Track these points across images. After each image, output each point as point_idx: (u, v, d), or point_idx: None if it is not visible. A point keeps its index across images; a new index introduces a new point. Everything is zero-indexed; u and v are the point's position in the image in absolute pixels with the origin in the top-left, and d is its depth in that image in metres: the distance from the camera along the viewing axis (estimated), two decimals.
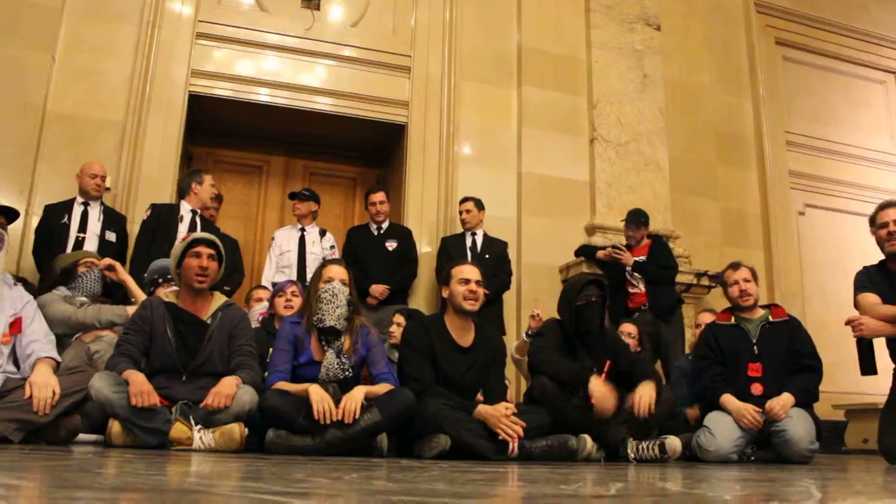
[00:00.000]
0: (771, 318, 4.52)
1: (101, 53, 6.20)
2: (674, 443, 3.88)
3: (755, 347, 4.40)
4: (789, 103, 8.83)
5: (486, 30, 7.31)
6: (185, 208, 5.45)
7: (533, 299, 5.24)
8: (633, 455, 3.85)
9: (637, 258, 6.12)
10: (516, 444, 3.59)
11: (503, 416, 3.59)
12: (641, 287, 6.08)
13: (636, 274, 6.09)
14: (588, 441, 3.76)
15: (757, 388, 4.31)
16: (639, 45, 7.56)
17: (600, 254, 6.26)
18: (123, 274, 4.51)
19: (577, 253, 6.56)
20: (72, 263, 4.44)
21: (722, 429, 4.15)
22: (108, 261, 4.50)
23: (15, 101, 5.83)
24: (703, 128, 7.95)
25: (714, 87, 8.25)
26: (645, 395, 3.93)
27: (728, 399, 4.28)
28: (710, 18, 8.48)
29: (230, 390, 3.42)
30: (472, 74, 7.13)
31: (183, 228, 5.32)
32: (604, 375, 4.08)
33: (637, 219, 6.23)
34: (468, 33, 7.21)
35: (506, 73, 7.25)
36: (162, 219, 5.35)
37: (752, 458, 4.27)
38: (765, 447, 4.28)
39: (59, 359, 3.62)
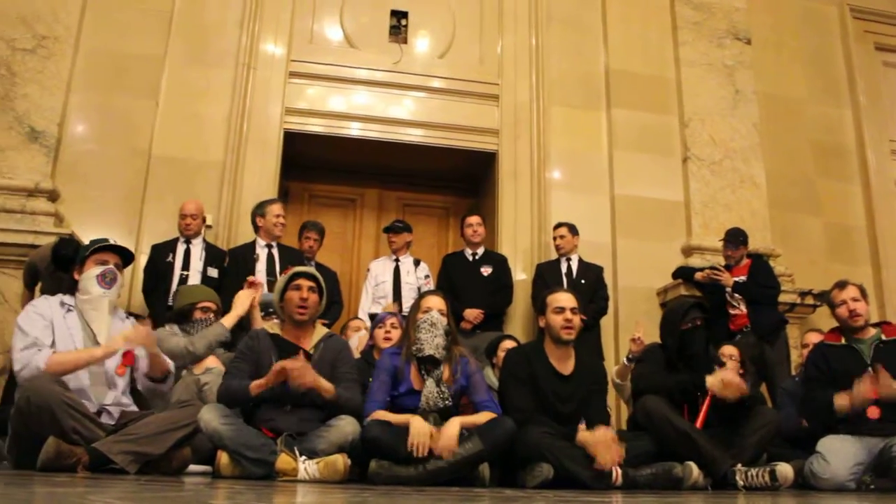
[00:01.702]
0: (884, 337, 4.31)
1: (201, 96, 6.47)
2: (785, 469, 3.72)
3: (870, 368, 4.19)
4: (893, 110, 8.44)
5: (572, 54, 7.29)
6: (260, 245, 5.62)
7: (634, 323, 5.15)
8: (741, 483, 3.72)
9: (737, 278, 5.97)
10: (620, 473, 3.52)
11: (603, 443, 3.53)
12: (743, 308, 5.92)
13: (736, 295, 5.93)
14: (694, 468, 3.66)
15: (873, 412, 4.09)
16: (729, 60, 7.41)
17: (698, 275, 6.13)
18: (255, 302, 4.71)
19: (675, 275, 6.43)
20: (189, 306, 4.59)
21: (837, 455, 3.96)
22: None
23: (123, 147, 6.14)
24: (801, 141, 7.70)
25: (810, 98, 7.99)
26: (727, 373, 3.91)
27: (840, 396, 4.10)
28: (803, 28, 8.23)
29: (315, 379, 3.52)
30: (561, 99, 7.11)
31: (260, 266, 5.49)
32: (707, 401, 3.98)
33: (735, 238, 6.08)
34: (555, 58, 7.21)
35: (594, 96, 7.21)
36: (239, 261, 5.54)
37: (872, 486, 4.06)
38: (884, 475, 4.06)
39: (172, 368, 3.78)
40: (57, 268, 4.72)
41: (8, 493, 1.95)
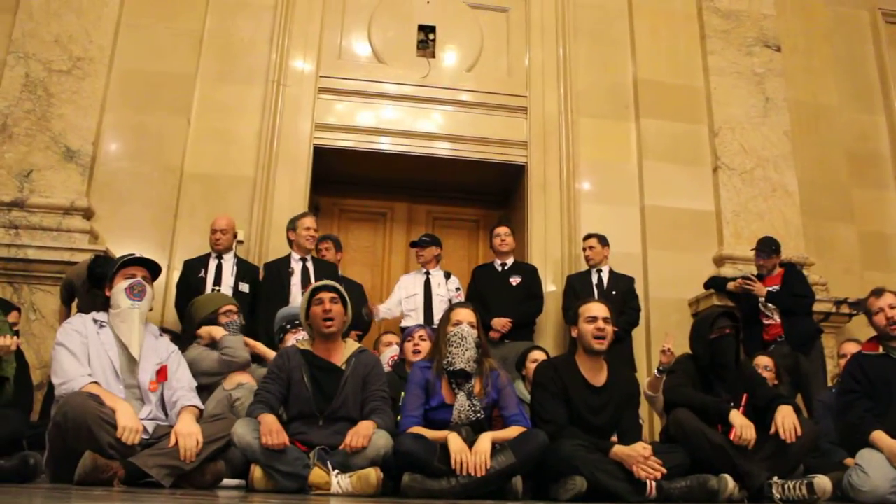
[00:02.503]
0: None
1: (232, 114, 6.56)
2: (823, 482, 3.65)
3: None
4: None
5: (600, 64, 7.29)
6: (294, 258, 5.68)
7: (663, 334, 5.11)
8: (778, 496, 3.66)
9: (770, 288, 5.90)
10: (654, 486, 3.50)
11: (641, 457, 3.51)
12: (776, 318, 5.85)
13: (770, 304, 5.87)
14: (729, 481, 3.62)
15: None
16: (759, 68, 7.35)
17: (731, 285, 6.07)
18: (251, 343, 4.71)
19: (707, 285, 6.38)
20: (212, 313, 4.59)
21: (877, 466, 3.84)
22: None
23: (156, 164, 6.24)
24: (834, 149, 7.60)
25: (843, 105, 7.88)
26: (787, 418, 3.77)
27: (880, 437, 3.96)
28: (834, 35, 8.14)
29: (368, 431, 3.49)
30: (589, 110, 7.10)
31: (295, 279, 5.54)
32: (741, 410, 3.93)
33: (767, 247, 6.02)
34: (583, 69, 7.20)
35: (623, 107, 7.19)
36: (275, 275, 5.61)
37: None
38: None
39: (202, 406, 3.78)
40: (92, 285, 4.80)
41: None
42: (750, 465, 3.70)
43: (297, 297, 5.43)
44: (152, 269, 3.86)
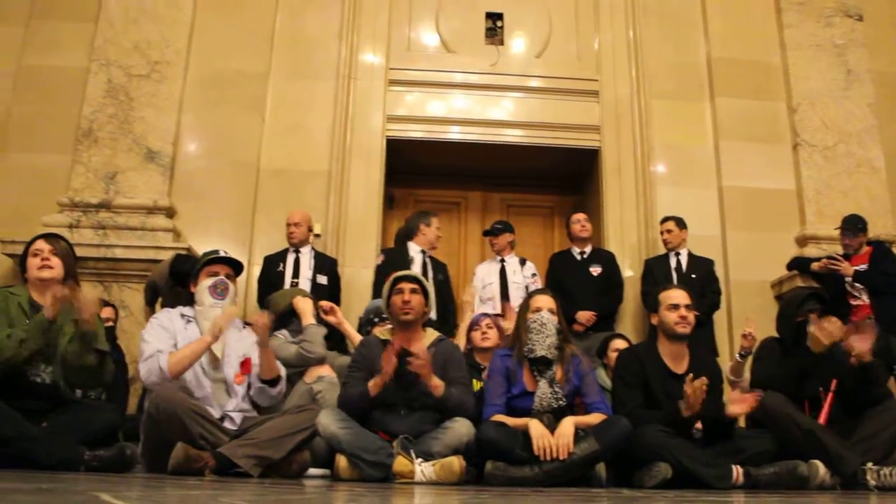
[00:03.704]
0: None
1: (304, 109, 6.65)
2: None
3: None
4: None
5: (672, 44, 7.13)
6: (414, 249, 5.65)
7: (745, 318, 4.99)
8: (873, 482, 3.54)
9: (857, 267, 5.71)
10: (741, 472, 3.44)
11: (692, 395, 3.46)
12: (865, 298, 5.65)
13: (857, 285, 5.67)
14: (820, 467, 3.52)
15: None
16: (839, 39, 7.07)
17: (815, 266, 5.89)
18: (341, 317, 4.74)
19: (790, 266, 6.20)
20: (288, 305, 4.68)
21: None
22: (326, 304, 4.74)
23: (233, 161, 6.38)
24: None
25: None
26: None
27: None
28: None
29: (430, 372, 3.61)
30: (662, 91, 6.96)
31: (415, 269, 5.49)
32: (830, 395, 3.83)
33: (853, 225, 5.81)
34: (654, 50, 7.06)
35: (696, 87, 7.02)
36: (394, 262, 5.58)
37: None
38: None
39: (283, 374, 3.92)
40: (175, 283, 4.93)
41: (147, 496, 2.05)
42: (843, 449, 3.59)
43: None
44: (235, 266, 3.96)
